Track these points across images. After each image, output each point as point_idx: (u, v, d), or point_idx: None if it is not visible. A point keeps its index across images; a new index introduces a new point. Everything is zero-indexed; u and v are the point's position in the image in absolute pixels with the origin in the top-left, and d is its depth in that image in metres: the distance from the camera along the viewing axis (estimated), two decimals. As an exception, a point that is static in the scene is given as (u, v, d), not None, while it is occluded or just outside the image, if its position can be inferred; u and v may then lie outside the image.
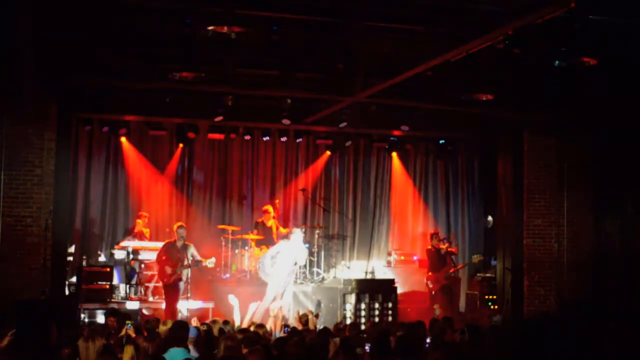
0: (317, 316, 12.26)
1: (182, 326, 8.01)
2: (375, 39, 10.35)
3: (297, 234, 13.13)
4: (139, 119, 14.73)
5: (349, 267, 16.27)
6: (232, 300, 12.92)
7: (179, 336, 7.63)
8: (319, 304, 13.92)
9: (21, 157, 11.97)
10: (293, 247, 12.98)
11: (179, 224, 13.22)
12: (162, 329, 9.05)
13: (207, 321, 10.90)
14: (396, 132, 15.59)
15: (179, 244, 12.82)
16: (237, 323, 11.99)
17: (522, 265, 14.16)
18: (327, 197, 16.85)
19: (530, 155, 14.27)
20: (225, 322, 10.30)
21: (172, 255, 12.74)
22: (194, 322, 11.07)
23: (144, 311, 13.11)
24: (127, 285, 13.68)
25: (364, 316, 13.65)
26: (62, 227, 12.57)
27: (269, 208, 15.24)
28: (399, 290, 14.50)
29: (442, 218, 17.25)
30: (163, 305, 12.91)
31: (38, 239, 11.90)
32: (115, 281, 13.76)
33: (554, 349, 7.82)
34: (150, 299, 13.54)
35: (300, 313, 12.03)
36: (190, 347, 7.77)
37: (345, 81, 12.08)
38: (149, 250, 13.83)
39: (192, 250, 12.90)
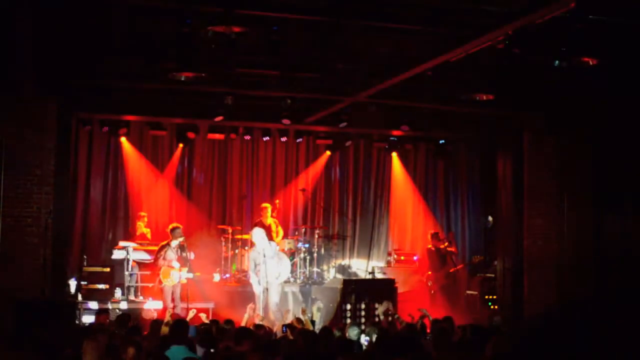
0: (303, 312, 12.07)
1: (182, 324, 8.06)
2: (375, 39, 10.35)
3: (256, 232, 12.90)
4: (139, 119, 14.75)
5: (349, 268, 16.27)
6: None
7: (179, 334, 7.66)
8: (312, 303, 13.88)
9: (21, 157, 11.92)
10: (259, 246, 12.81)
11: (173, 225, 13.17)
12: (164, 329, 9.05)
13: (207, 321, 10.90)
14: (396, 132, 15.60)
15: (175, 245, 12.75)
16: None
17: (522, 265, 14.15)
18: (327, 197, 16.85)
19: (530, 155, 14.24)
20: (227, 322, 10.28)
21: (171, 258, 12.69)
22: (191, 315, 11.08)
23: (145, 312, 13.08)
24: (127, 286, 13.67)
25: (364, 316, 13.62)
26: (62, 227, 12.55)
27: (267, 205, 15.15)
28: (399, 290, 14.49)
29: (442, 218, 17.26)
30: (161, 306, 12.91)
31: (38, 239, 11.86)
32: (115, 281, 13.76)
33: (555, 349, 7.82)
34: (150, 299, 13.53)
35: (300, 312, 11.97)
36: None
37: (345, 81, 12.08)
38: (149, 251, 13.82)
39: (186, 252, 12.86)
